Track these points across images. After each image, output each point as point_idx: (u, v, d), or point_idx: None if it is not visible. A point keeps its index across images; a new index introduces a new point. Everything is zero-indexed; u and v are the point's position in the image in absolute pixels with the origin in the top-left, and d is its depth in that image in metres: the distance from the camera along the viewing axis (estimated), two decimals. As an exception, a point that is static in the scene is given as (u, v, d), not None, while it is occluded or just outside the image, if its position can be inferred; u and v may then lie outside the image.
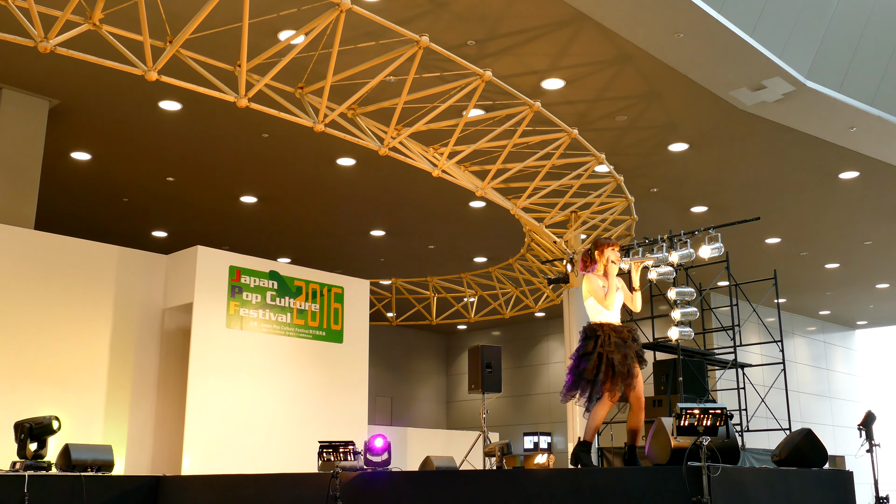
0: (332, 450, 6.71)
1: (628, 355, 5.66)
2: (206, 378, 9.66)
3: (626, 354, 5.65)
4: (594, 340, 5.73)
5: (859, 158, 11.67)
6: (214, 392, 9.71)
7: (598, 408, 5.73)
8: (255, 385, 10.14)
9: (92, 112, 10.70)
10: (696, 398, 11.87)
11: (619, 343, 5.68)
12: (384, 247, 16.22)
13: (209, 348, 9.75)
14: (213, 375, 9.73)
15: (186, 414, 9.42)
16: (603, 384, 5.65)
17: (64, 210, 13.77)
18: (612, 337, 5.69)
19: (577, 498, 5.22)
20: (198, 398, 9.54)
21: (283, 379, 10.43)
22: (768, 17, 8.99)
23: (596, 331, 5.77)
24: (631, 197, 12.30)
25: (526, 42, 9.08)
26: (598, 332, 5.75)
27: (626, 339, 5.72)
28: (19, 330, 8.99)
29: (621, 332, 5.75)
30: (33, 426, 7.46)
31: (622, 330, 5.77)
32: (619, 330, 5.76)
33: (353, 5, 7.61)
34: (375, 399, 21.13)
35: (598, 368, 5.64)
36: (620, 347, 5.66)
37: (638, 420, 5.76)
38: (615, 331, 5.74)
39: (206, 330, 9.76)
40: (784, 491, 5.40)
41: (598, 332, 5.75)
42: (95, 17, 7.54)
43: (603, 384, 5.65)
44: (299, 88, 9.43)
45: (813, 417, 20.83)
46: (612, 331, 5.73)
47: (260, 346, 10.24)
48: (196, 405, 9.51)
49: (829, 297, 20.05)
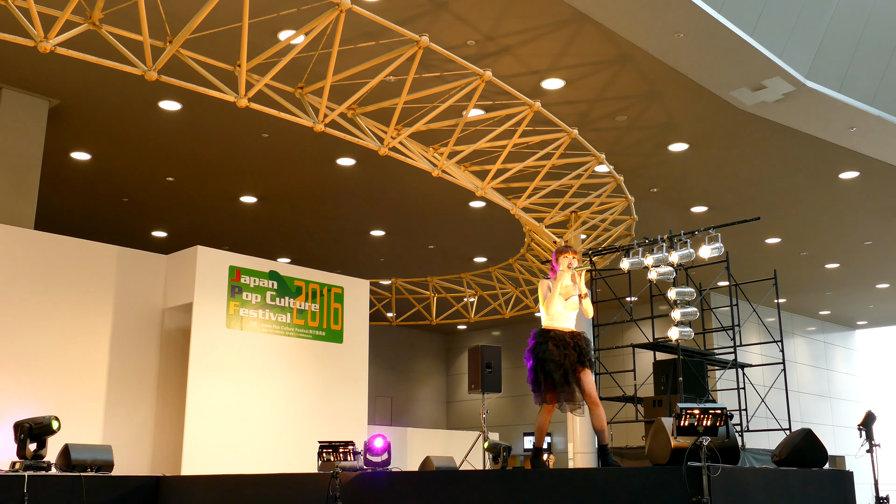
0: (332, 450, 6.71)
1: (563, 364, 5.85)
2: (206, 378, 9.65)
3: (559, 363, 5.84)
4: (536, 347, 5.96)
5: (859, 158, 11.67)
6: (214, 392, 9.71)
7: (541, 413, 5.97)
8: (255, 385, 10.14)
9: (92, 112, 10.71)
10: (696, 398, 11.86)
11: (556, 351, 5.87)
12: (384, 247, 16.23)
13: (209, 348, 9.74)
14: (213, 375, 9.72)
15: (186, 414, 9.41)
16: (545, 391, 5.88)
17: (64, 210, 13.77)
18: (550, 344, 5.90)
19: (576, 498, 5.22)
20: (198, 398, 9.53)
21: (283, 379, 10.43)
22: (768, 17, 8.99)
23: (538, 338, 6.00)
24: (631, 197, 12.31)
25: (526, 42, 9.09)
26: (539, 339, 5.98)
27: (567, 346, 5.91)
28: (19, 330, 8.98)
29: (563, 339, 5.94)
30: (33, 426, 7.45)
31: (564, 336, 5.96)
32: (561, 336, 5.95)
33: (353, 5, 7.61)
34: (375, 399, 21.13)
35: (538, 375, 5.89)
36: (556, 355, 5.85)
37: (599, 420, 5.88)
38: (556, 338, 5.94)
39: (205, 330, 9.76)
40: (784, 491, 5.40)
41: (539, 339, 5.98)
42: (95, 17, 7.54)
43: (545, 391, 5.88)
44: (299, 88, 9.44)
45: (813, 417, 20.83)
46: (553, 338, 5.94)
47: (260, 346, 10.24)
48: (196, 405, 9.50)
49: (829, 297, 20.05)
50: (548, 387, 5.87)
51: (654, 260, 11.64)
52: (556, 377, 5.83)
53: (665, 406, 11.99)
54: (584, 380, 5.91)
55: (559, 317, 6.06)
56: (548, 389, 5.87)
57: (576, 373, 5.90)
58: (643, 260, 11.83)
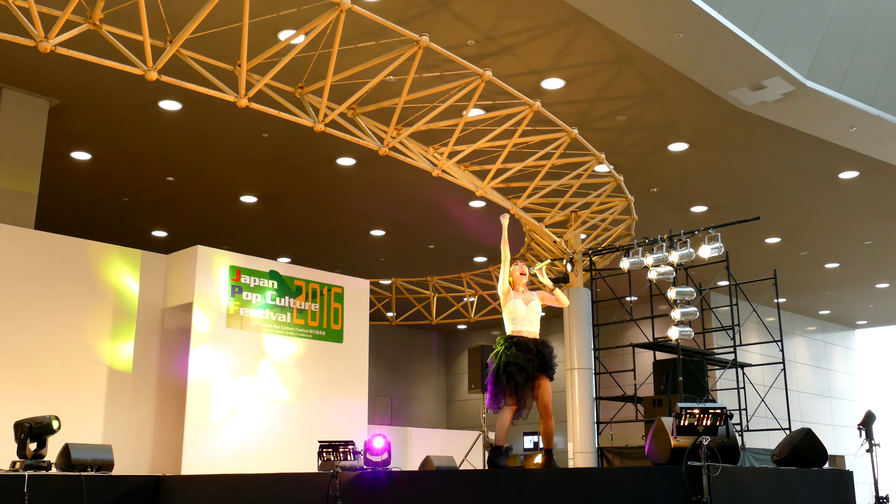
0: (332, 449, 6.72)
1: (527, 368, 6.03)
2: (206, 378, 9.66)
3: (522, 367, 6.01)
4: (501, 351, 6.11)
5: (859, 158, 11.67)
6: (214, 392, 9.71)
7: (501, 414, 6.09)
8: (255, 385, 10.14)
9: (92, 112, 10.71)
10: (696, 398, 11.87)
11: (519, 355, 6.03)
12: (384, 247, 16.23)
13: (209, 348, 9.75)
14: (213, 375, 9.73)
15: (186, 414, 9.41)
16: (505, 394, 6.04)
17: (64, 210, 13.77)
18: (514, 350, 6.06)
19: (576, 498, 5.22)
20: (198, 398, 9.54)
21: (283, 379, 10.43)
22: (768, 17, 8.99)
23: (503, 343, 6.17)
24: (631, 197, 12.31)
25: (526, 42, 9.09)
26: (504, 344, 6.14)
27: (530, 352, 6.07)
28: (19, 330, 8.98)
29: (526, 345, 6.10)
30: (33, 426, 7.45)
31: (528, 342, 6.12)
32: (525, 342, 6.11)
33: (353, 5, 7.61)
34: (375, 399, 21.12)
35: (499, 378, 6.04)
36: (519, 360, 6.02)
37: (548, 427, 6.12)
38: (520, 344, 6.10)
39: (205, 330, 9.76)
40: (784, 491, 5.40)
41: (504, 344, 6.14)
42: (95, 16, 7.54)
43: (505, 394, 6.04)
44: (299, 88, 9.44)
45: (813, 417, 20.83)
46: (516, 343, 6.10)
47: (260, 346, 10.24)
48: (196, 405, 9.50)
49: (828, 296, 20.05)
50: (510, 390, 6.02)
51: (653, 259, 11.66)
52: (518, 380, 6.00)
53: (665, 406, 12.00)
54: (542, 388, 6.10)
55: (522, 321, 6.21)
56: (509, 393, 6.02)
57: (535, 380, 6.09)
58: (643, 260, 11.84)
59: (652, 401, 12.52)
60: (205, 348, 9.71)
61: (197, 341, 9.66)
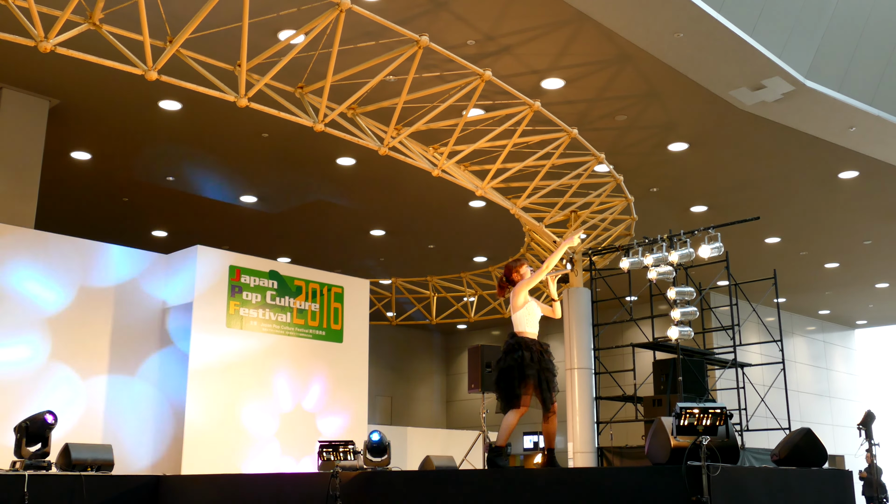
0: (332, 449, 6.73)
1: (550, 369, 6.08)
2: (206, 378, 9.66)
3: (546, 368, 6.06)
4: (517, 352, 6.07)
5: (859, 158, 11.67)
6: (214, 392, 9.71)
7: (512, 415, 6.07)
8: (255, 385, 10.14)
9: (92, 112, 10.71)
10: (696, 398, 11.87)
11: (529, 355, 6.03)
12: (384, 247, 16.23)
13: (209, 348, 9.74)
14: (213, 375, 9.73)
15: (186, 414, 9.41)
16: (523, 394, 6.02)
17: (64, 210, 13.77)
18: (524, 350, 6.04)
19: (576, 498, 5.23)
20: (198, 398, 9.54)
21: (283, 378, 10.43)
22: (768, 17, 9.00)
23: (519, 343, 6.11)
24: (631, 197, 12.31)
25: (526, 42, 9.09)
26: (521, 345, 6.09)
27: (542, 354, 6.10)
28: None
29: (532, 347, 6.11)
30: (29, 424, 7.46)
31: (533, 345, 6.13)
32: (531, 344, 6.12)
33: (353, 5, 7.61)
34: (375, 399, 21.12)
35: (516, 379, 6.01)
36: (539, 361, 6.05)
37: (551, 426, 6.18)
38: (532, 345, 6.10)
39: (205, 330, 9.76)
40: (784, 491, 5.40)
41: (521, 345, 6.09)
42: (95, 16, 7.54)
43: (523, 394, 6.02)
44: (299, 88, 9.44)
45: (813, 417, 20.83)
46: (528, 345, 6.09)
47: (260, 346, 10.24)
48: (196, 405, 9.50)
49: (828, 296, 20.05)
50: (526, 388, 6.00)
51: (653, 259, 11.66)
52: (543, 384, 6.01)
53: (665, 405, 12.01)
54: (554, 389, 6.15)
55: (534, 323, 6.20)
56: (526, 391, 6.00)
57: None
58: (643, 259, 11.85)
59: (652, 401, 12.53)
60: (205, 348, 9.71)
61: (197, 341, 9.66)
